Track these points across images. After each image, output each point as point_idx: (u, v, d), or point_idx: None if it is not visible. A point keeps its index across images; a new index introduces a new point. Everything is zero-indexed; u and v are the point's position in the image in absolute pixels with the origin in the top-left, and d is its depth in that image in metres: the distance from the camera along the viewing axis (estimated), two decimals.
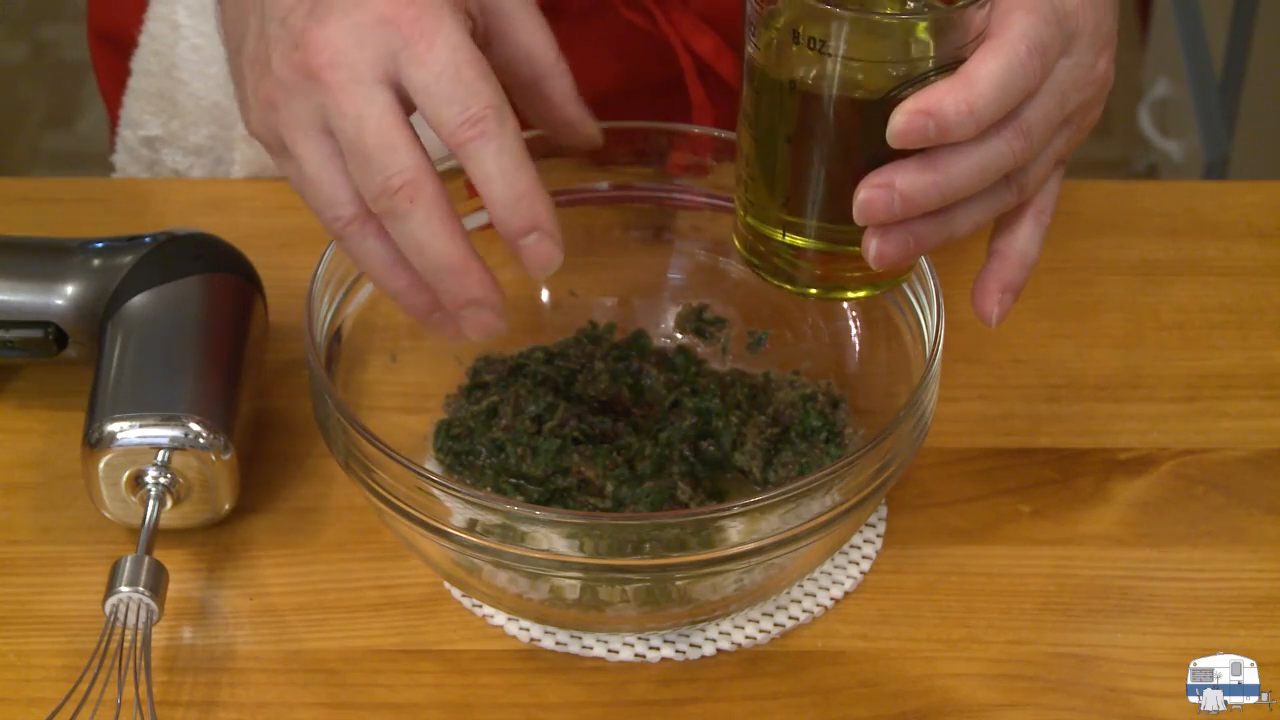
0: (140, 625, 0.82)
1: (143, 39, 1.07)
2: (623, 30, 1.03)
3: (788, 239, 0.80)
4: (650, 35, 1.02)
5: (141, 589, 0.82)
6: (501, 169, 0.76)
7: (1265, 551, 0.89)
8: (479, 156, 0.76)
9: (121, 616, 0.82)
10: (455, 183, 0.86)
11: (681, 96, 1.03)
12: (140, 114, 1.10)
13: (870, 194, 0.76)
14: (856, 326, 0.92)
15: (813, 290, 0.81)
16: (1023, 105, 0.77)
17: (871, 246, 0.78)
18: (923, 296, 0.86)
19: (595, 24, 1.03)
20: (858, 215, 0.77)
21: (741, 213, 0.82)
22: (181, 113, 1.09)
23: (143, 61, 1.08)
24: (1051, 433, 0.94)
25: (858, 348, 0.92)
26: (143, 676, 0.80)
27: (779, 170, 0.79)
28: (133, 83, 1.09)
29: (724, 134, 0.92)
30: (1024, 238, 0.83)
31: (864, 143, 0.77)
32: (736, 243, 0.83)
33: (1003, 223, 0.83)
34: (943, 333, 0.83)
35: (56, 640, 0.85)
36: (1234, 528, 0.90)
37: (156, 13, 1.06)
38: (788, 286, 0.81)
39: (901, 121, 0.75)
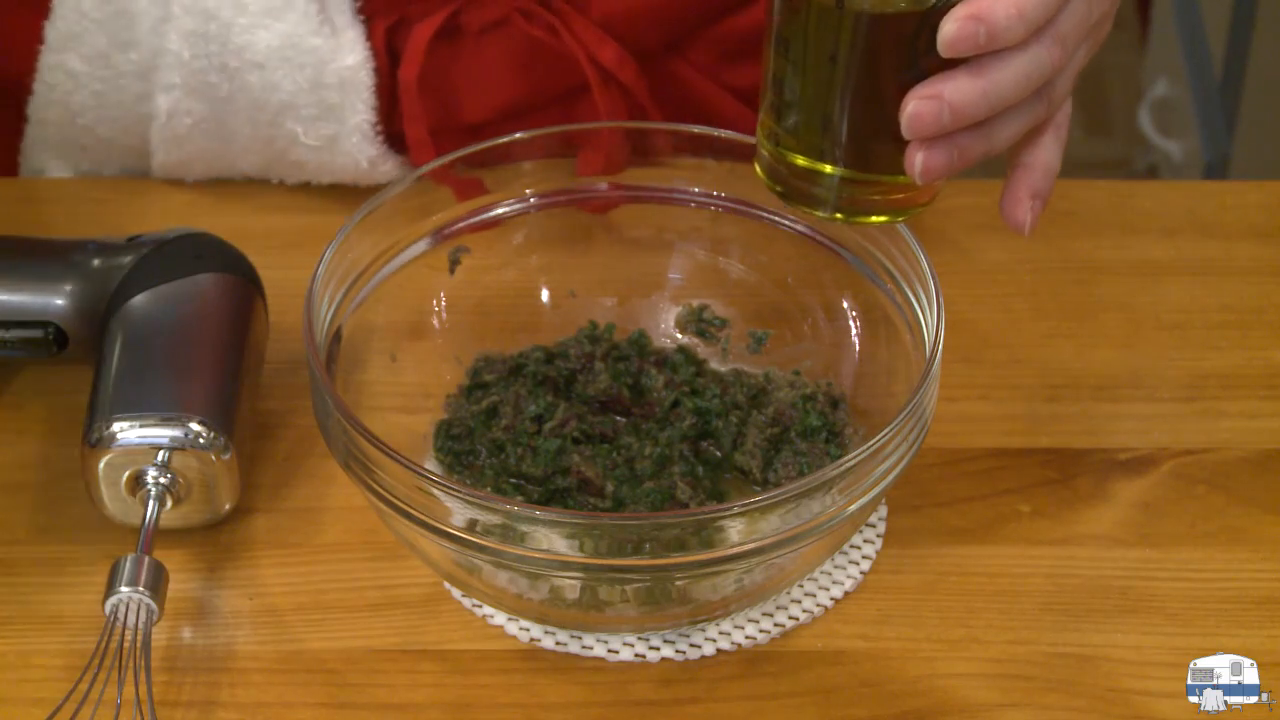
0: (140, 625, 0.82)
1: (38, 88, 1.05)
2: (524, 44, 1.03)
3: (816, 165, 0.81)
4: (552, 48, 1.03)
5: (141, 589, 0.81)
6: None
7: (1265, 551, 0.89)
8: None
9: (121, 616, 0.82)
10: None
11: (586, 105, 1.04)
12: (44, 160, 1.09)
13: (919, 106, 0.78)
14: (856, 326, 0.92)
15: (839, 215, 0.82)
16: (1058, 13, 0.79)
17: (918, 160, 0.79)
18: (923, 296, 0.86)
19: (496, 39, 1.03)
20: (906, 129, 0.78)
21: (767, 141, 0.82)
22: (91, 155, 1.08)
23: (40, 110, 1.06)
24: (1051, 433, 0.94)
25: (858, 348, 0.92)
26: (143, 676, 0.80)
27: (813, 93, 0.80)
28: (32, 131, 1.08)
29: (725, 134, 0.92)
30: (1047, 149, 0.84)
31: (907, 58, 0.78)
32: (759, 170, 0.83)
33: (1024, 139, 0.84)
34: (943, 333, 0.83)
35: (57, 640, 0.85)
36: (1234, 528, 0.90)
37: (49, 62, 1.04)
38: (816, 212, 0.82)
39: (953, 29, 0.76)
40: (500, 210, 0.94)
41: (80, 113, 1.05)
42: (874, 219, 0.83)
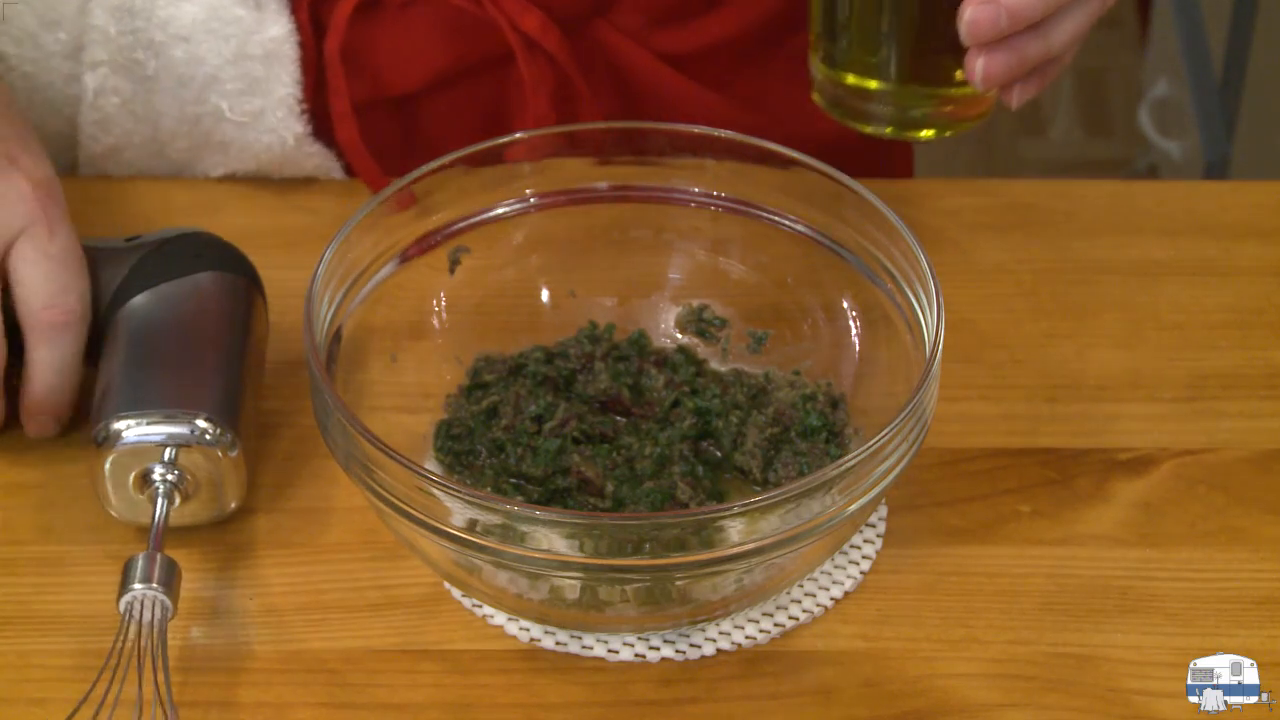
0: (156, 622, 0.82)
1: None
2: (447, 14, 1.04)
3: (869, 82, 0.84)
4: (475, 17, 1.03)
5: (155, 585, 0.81)
6: (63, 359, 0.89)
7: (1265, 551, 0.89)
8: (53, 340, 0.89)
9: (136, 614, 0.82)
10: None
11: (512, 72, 1.04)
12: None
13: (976, 11, 0.80)
14: (856, 326, 0.92)
15: (888, 130, 0.84)
16: None
17: (978, 66, 0.81)
18: (923, 296, 0.86)
19: (419, 10, 1.04)
20: (965, 35, 0.80)
21: (822, 65, 0.85)
22: None
23: None
24: (1051, 433, 0.94)
25: (858, 348, 0.92)
26: (160, 675, 0.80)
27: (865, 10, 0.82)
28: None
29: (725, 134, 0.92)
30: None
31: None
32: (815, 95, 0.87)
33: None
34: (943, 333, 0.83)
35: (57, 640, 0.85)
36: (1234, 528, 0.90)
37: None
38: (869, 128, 0.86)
39: None
40: (500, 210, 0.94)
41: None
42: (926, 133, 0.85)
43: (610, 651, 0.85)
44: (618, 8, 1.06)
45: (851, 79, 0.84)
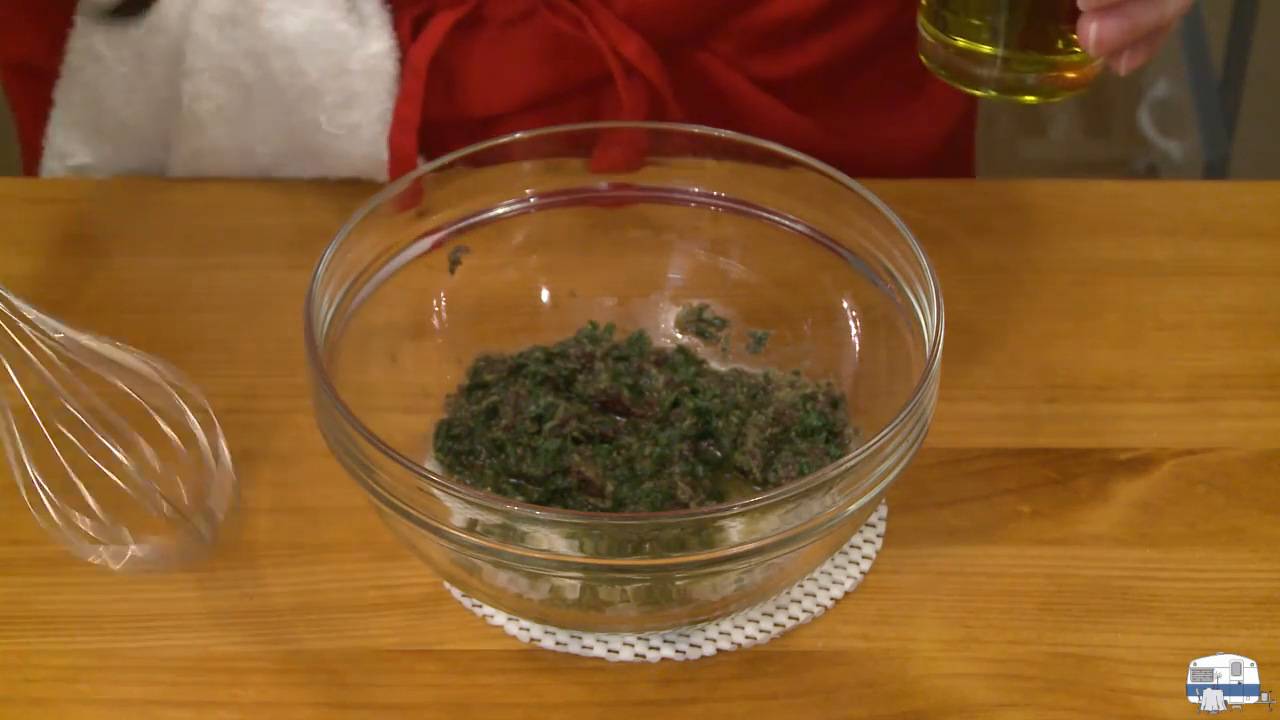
0: None
1: (65, 70, 1.06)
2: (548, 35, 1.04)
3: (977, 46, 0.86)
4: (576, 39, 1.03)
5: None
6: None
7: (1265, 551, 0.89)
8: None
9: None
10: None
11: (608, 98, 1.04)
12: (68, 144, 1.09)
13: None
14: (856, 326, 0.92)
15: (993, 93, 0.87)
16: None
17: (1091, 30, 0.82)
18: (923, 296, 0.86)
19: (521, 31, 1.04)
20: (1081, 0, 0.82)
21: (931, 25, 0.87)
22: (113, 138, 1.08)
23: (67, 93, 1.07)
24: (1051, 433, 0.94)
25: (858, 348, 0.92)
26: None
27: None
28: (57, 114, 1.08)
29: (724, 134, 0.92)
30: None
31: None
32: (923, 57, 0.88)
33: None
34: (943, 333, 0.83)
35: (57, 640, 0.85)
36: (1234, 528, 0.90)
37: (76, 46, 1.05)
38: (976, 91, 0.87)
39: None
40: (500, 210, 0.94)
41: (105, 94, 1.06)
42: (1030, 98, 0.87)
43: (610, 651, 0.85)
44: (716, 35, 1.06)
45: (962, 42, 0.86)
